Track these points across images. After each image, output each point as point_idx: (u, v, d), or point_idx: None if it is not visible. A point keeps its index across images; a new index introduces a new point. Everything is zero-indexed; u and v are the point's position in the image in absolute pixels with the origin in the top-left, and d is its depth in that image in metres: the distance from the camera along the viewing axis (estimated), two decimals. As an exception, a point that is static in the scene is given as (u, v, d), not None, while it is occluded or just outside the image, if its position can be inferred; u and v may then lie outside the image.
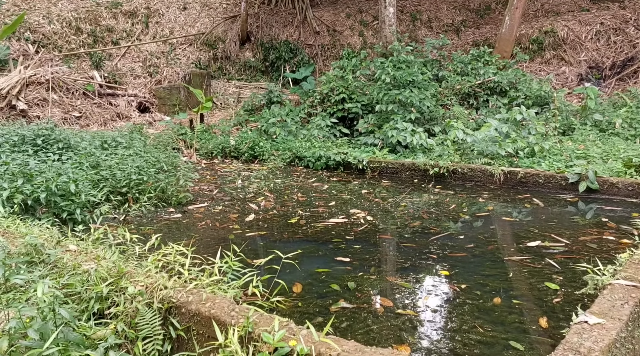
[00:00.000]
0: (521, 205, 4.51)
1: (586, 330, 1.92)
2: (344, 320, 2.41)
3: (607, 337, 1.87)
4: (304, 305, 2.58)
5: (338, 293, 2.73)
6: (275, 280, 2.59)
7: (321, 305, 2.59)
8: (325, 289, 2.79)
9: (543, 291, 2.64)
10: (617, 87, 9.36)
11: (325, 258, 3.29)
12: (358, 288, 2.79)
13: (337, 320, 2.39)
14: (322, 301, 2.63)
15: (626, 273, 2.43)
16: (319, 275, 3.00)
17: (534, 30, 10.52)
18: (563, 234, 3.59)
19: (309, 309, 2.54)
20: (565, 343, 1.83)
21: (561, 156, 5.77)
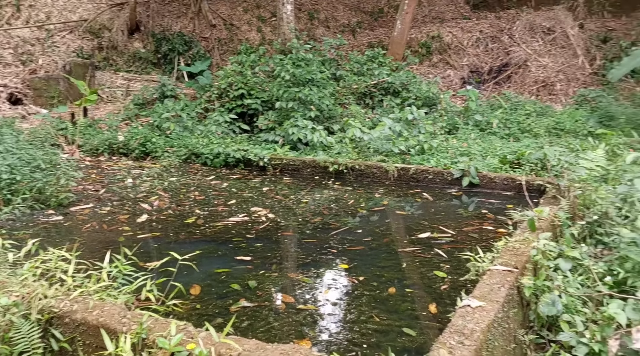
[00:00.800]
0: (413, 199, 4.82)
1: (469, 313, 2.11)
2: (245, 319, 2.40)
3: (487, 318, 2.08)
4: (203, 307, 2.52)
5: (239, 292, 2.71)
6: (172, 283, 2.50)
7: (221, 306, 2.54)
8: (225, 289, 2.75)
9: (432, 280, 2.86)
10: (494, 90, 10.37)
11: (225, 258, 3.24)
12: (259, 286, 2.79)
13: (238, 319, 2.37)
14: (222, 302, 2.59)
15: (502, 259, 2.71)
16: (219, 275, 2.95)
17: (423, 35, 11.28)
18: (449, 225, 3.90)
19: (208, 311, 2.49)
20: (452, 326, 1.99)
21: (447, 153, 6.25)
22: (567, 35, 10.76)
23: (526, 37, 10.89)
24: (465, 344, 1.87)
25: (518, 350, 2.33)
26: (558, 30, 10.84)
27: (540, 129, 7.69)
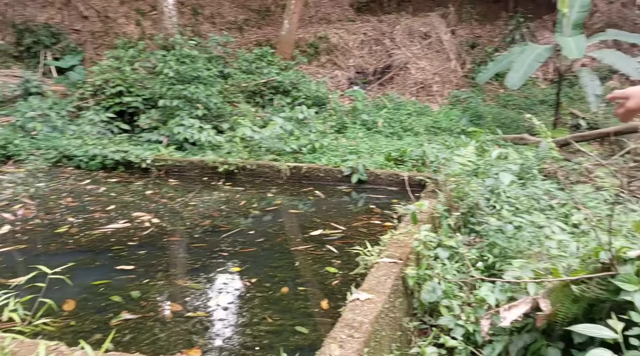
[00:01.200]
0: (305, 197, 4.90)
1: (358, 306, 2.19)
2: (127, 333, 2.25)
3: (375, 310, 2.17)
4: (78, 324, 2.31)
5: (120, 304, 2.53)
6: (41, 300, 2.25)
7: (100, 321, 2.36)
8: (104, 302, 2.55)
9: (324, 276, 2.92)
10: (379, 90, 10.92)
11: (104, 269, 3.01)
12: (143, 296, 2.63)
13: (119, 334, 2.21)
14: (101, 317, 2.40)
15: (388, 252, 2.86)
16: (96, 288, 2.73)
17: (310, 35, 11.51)
18: (340, 222, 4.02)
19: (84, 327, 2.29)
20: (342, 321, 2.05)
21: (337, 152, 6.45)
22: (441, 41, 11.68)
23: (406, 41, 11.62)
24: (354, 337, 1.93)
25: (403, 336, 2.47)
26: (433, 35, 11.73)
27: (420, 128, 8.27)
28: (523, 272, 2.68)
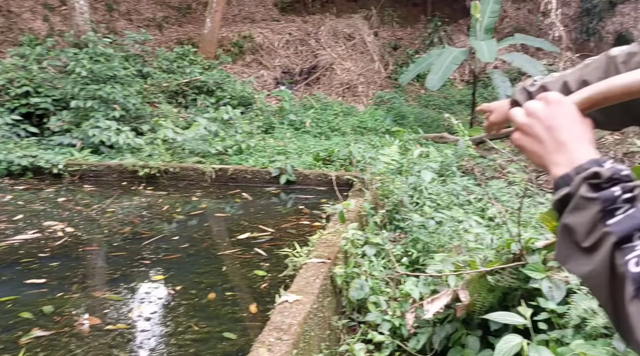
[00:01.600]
0: (232, 200, 4.83)
1: (287, 308, 2.20)
2: (39, 351, 2.10)
3: (303, 311, 2.19)
4: (-19, 347, 2.13)
5: (30, 321, 2.36)
6: None
7: (7, 340, 2.18)
8: (12, 320, 2.36)
9: (253, 280, 2.90)
10: (306, 91, 11.01)
11: (12, 283, 2.79)
12: (57, 311, 2.47)
13: (30, 352, 2.06)
14: (9, 335, 2.22)
15: (317, 252, 2.89)
16: (3, 304, 2.52)
17: (234, 34, 11.36)
18: (269, 224, 4.01)
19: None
20: (271, 324, 2.05)
21: (265, 152, 6.42)
22: (365, 42, 11.99)
23: (331, 41, 11.81)
24: (283, 339, 1.93)
25: (333, 335, 2.52)
26: (357, 37, 12.01)
27: (347, 128, 8.44)
28: (444, 265, 2.82)
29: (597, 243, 0.60)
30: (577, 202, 0.63)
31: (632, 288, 0.56)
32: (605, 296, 0.61)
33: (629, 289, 0.56)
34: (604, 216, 0.60)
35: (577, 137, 0.69)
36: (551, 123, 0.70)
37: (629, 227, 0.58)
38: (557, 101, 0.72)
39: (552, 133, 0.70)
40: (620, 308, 0.58)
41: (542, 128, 0.71)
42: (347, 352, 2.40)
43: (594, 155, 0.66)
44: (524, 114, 0.74)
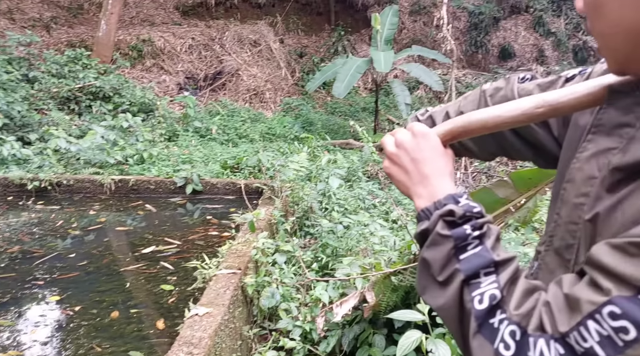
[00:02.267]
0: (134, 212, 4.64)
1: (197, 322, 2.19)
2: None
3: (214, 324, 2.19)
4: None
5: None
6: None
7: None
8: None
9: (159, 295, 2.83)
10: (211, 97, 10.83)
11: None
12: None
13: None
14: None
15: (227, 263, 2.89)
16: None
17: (132, 38, 10.88)
18: (175, 236, 3.91)
19: None
20: (180, 339, 2.03)
21: (169, 161, 6.23)
22: (271, 49, 12.08)
23: (236, 47, 11.74)
24: (194, 353, 1.93)
25: (244, 345, 2.53)
26: (263, 43, 12.07)
27: (255, 134, 8.44)
28: (352, 269, 2.96)
29: (449, 279, 0.66)
30: (434, 238, 0.68)
31: (475, 324, 0.61)
32: (455, 328, 0.66)
33: (473, 325, 0.62)
34: (455, 253, 0.66)
35: (439, 170, 0.74)
36: (416, 155, 0.76)
37: (475, 265, 0.64)
38: (422, 134, 0.77)
39: (417, 166, 0.75)
40: (466, 341, 0.63)
41: (408, 160, 0.76)
42: (259, 362, 2.43)
43: (452, 190, 0.72)
44: (393, 144, 0.79)
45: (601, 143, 0.69)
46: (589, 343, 0.54)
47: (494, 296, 0.61)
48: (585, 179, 0.69)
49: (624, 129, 0.66)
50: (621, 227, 0.59)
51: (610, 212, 0.62)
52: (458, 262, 0.65)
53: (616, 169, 0.63)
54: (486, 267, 0.64)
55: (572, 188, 0.72)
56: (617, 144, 0.66)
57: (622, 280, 0.53)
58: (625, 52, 0.63)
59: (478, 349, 0.61)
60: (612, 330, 0.53)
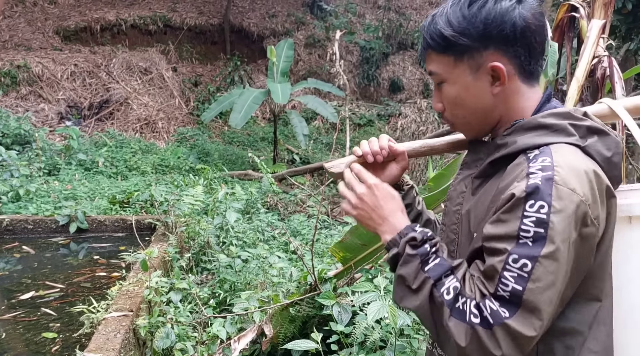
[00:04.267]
0: (10, 255, 4.30)
1: (86, 368, 2.13)
2: None
3: (105, 368, 2.15)
4: None
5: None
6: None
7: None
8: None
9: (41, 344, 2.67)
10: (97, 126, 10.35)
11: None
12: None
13: None
14: None
15: (117, 305, 2.82)
16: None
17: (5, 63, 10.11)
18: (58, 279, 3.70)
19: None
20: (68, 388, 1.96)
21: (49, 198, 5.86)
22: (163, 77, 11.89)
23: (125, 75, 11.39)
24: (83, 402, 1.88)
25: (139, 390, 2.48)
26: (154, 71, 11.84)
27: (147, 166, 8.19)
28: (250, 303, 3.03)
29: (421, 285, 0.94)
30: (405, 258, 0.97)
31: (448, 310, 0.89)
32: (429, 321, 0.94)
33: (446, 311, 0.90)
34: (422, 266, 0.95)
35: (393, 210, 1.05)
36: (375, 204, 1.06)
37: (440, 271, 0.93)
38: (375, 185, 1.08)
39: (377, 212, 1.05)
40: (440, 326, 0.91)
41: (370, 209, 1.06)
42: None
43: (407, 222, 1.03)
44: (355, 197, 1.09)
45: (465, 173, 1.11)
46: (509, 285, 0.84)
47: (456, 287, 0.91)
48: (458, 194, 1.10)
49: (476, 162, 1.08)
50: (482, 210, 0.98)
51: (475, 204, 1.02)
52: (425, 272, 0.94)
53: (475, 178, 1.05)
54: (447, 271, 0.93)
55: (450, 203, 1.11)
56: (474, 170, 1.08)
57: (507, 238, 0.86)
58: (479, 125, 1.05)
59: (454, 328, 0.88)
60: (517, 269, 0.84)
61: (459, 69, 1.00)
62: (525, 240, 0.84)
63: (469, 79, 1.00)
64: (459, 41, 0.97)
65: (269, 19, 14.50)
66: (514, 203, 0.86)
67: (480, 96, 1.00)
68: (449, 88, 1.03)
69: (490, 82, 0.99)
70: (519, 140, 0.95)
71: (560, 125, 0.94)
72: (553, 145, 0.92)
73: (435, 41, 1.00)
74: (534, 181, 0.85)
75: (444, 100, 1.05)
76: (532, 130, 0.96)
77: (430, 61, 1.04)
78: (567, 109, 0.98)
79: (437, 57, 1.02)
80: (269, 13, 14.68)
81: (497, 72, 0.97)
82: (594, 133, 0.95)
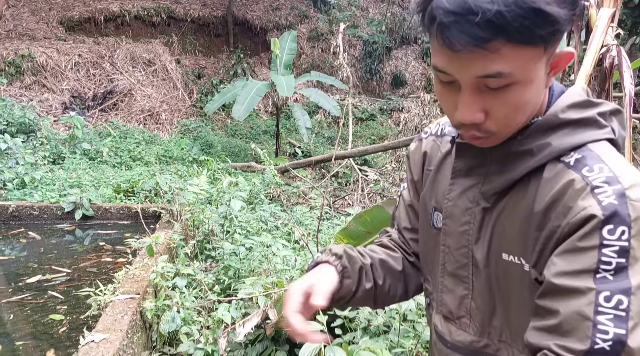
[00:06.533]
0: (16, 240, 4.32)
1: (93, 348, 2.15)
2: None
3: (111, 349, 2.17)
4: None
5: None
6: None
7: None
8: None
9: (48, 325, 2.70)
10: (101, 117, 10.36)
11: None
12: None
13: None
14: None
15: (124, 288, 2.84)
16: None
17: (9, 52, 10.11)
18: (64, 264, 3.73)
19: None
20: (76, 365, 1.99)
21: (54, 186, 5.88)
22: (166, 69, 11.88)
23: (128, 66, 11.39)
24: (92, 379, 1.90)
25: (145, 371, 2.51)
26: (158, 63, 11.83)
27: (151, 157, 8.21)
28: (254, 289, 3.05)
29: None
30: None
31: None
32: None
33: None
34: None
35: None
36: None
37: None
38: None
39: None
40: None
41: None
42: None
43: None
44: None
45: (463, 183, 0.91)
46: (610, 332, 0.66)
47: None
48: (463, 211, 0.90)
49: (477, 170, 0.88)
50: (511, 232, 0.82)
51: (500, 217, 0.84)
52: None
53: (484, 194, 0.86)
54: None
55: (453, 222, 0.92)
56: (477, 181, 0.88)
57: (585, 273, 0.69)
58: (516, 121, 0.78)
59: None
60: (612, 309, 0.66)
61: (541, 62, 0.73)
62: (605, 273, 0.68)
63: (543, 73, 0.75)
64: (561, 20, 0.67)
65: (273, 11, 14.47)
66: (591, 229, 0.70)
67: (540, 93, 0.78)
68: (521, 91, 0.73)
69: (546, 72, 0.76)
70: (554, 143, 0.78)
71: (589, 118, 0.79)
72: (592, 145, 0.77)
73: (524, 25, 0.65)
74: (609, 201, 0.69)
75: (497, 106, 0.75)
76: (555, 130, 0.79)
77: (497, 58, 0.68)
78: (581, 94, 0.82)
79: (516, 49, 0.68)
80: (272, 6, 14.65)
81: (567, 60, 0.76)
82: (612, 114, 0.82)
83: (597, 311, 0.67)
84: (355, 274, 0.99)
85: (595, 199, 0.70)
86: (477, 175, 0.88)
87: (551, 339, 0.71)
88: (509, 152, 0.82)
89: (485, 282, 0.88)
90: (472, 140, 0.82)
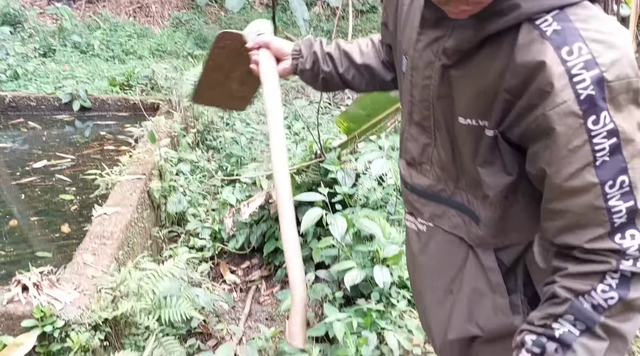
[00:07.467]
0: (17, 130, 4.36)
1: (106, 219, 2.27)
2: None
3: (124, 220, 2.29)
4: None
5: None
6: None
7: None
8: None
9: (60, 204, 2.82)
10: (88, 9, 9.89)
11: None
12: None
13: None
14: None
15: (130, 170, 2.93)
16: None
17: None
18: (67, 151, 3.79)
19: None
20: (91, 234, 2.11)
21: (48, 78, 5.79)
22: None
23: (115, -48, 10.66)
24: (107, 244, 2.04)
25: (154, 245, 2.67)
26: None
27: (143, 51, 7.99)
28: (257, 173, 3.15)
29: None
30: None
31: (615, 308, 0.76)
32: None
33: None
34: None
35: None
36: None
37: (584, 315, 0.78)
38: None
39: None
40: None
41: None
42: (170, 257, 2.58)
43: None
44: None
45: (430, 34, 0.89)
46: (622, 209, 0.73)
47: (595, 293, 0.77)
48: (426, 64, 0.91)
49: (446, 21, 0.85)
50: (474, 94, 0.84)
51: (461, 86, 0.86)
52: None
53: (446, 50, 0.86)
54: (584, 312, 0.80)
55: (418, 74, 0.94)
56: (444, 33, 0.87)
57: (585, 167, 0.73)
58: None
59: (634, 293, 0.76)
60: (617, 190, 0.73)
61: None
62: (602, 158, 0.72)
63: None
64: None
65: None
66: (575, 129, 0.73)
67: None
68: None
69: None
70: (523, 5, 0.75)
71: None
72: (571, 11, 0.74)
73: None
74: (586, 93, 0.71)
75: None
76: None
77: None
78: None
79: None
80: None
81: None
82: None
83: (606, 200, 0.73)
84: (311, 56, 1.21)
85: (573, 92, 0.71)
86: (445, 27, 0.86)
87: (577, 236, 0.76)
88: (480, 11, 0.79)
89: (446, 135, 0.93)
90: (460, 14, 0.79)
